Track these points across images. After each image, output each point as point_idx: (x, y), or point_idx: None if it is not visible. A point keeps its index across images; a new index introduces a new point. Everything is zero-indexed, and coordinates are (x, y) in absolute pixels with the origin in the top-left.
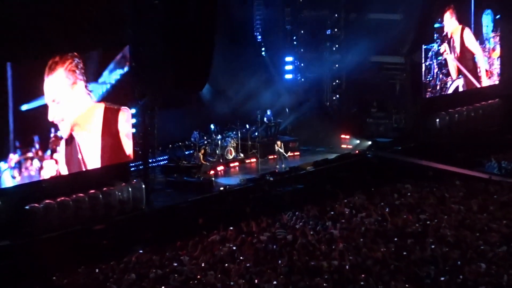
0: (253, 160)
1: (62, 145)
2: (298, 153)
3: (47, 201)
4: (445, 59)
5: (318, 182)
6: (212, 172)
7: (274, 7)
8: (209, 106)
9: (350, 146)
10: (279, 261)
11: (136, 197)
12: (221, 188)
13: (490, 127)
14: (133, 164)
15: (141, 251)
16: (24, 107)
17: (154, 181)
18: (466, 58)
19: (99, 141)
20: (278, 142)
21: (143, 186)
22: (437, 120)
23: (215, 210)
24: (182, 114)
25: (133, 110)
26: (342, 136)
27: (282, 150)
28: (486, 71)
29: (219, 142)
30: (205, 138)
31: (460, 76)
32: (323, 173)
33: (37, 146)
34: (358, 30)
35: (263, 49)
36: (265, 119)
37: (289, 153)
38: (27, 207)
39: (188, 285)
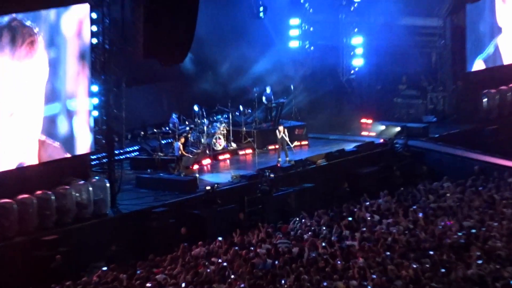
0: (249, 151)
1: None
2: (306, 143)
3: None
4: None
5: (332, 180)
6: (196, 167)
7: None
8: (193, 82)
9: (373, 134)
10: (282, 281)
11: (98, 199)
12: (208, 188)
13: None
14: (95, 157)
15: (104, 268)
16: None
17: (121, 178)
18: None
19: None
20: (281, 128)
21: (107, 185)
22: (485, 100)
23: (200, 216)
24: (158, 92)
25: (95, 87)
26: (363, 120)
27: (286, 138)
28: None
29: (205, 128)
30: (187, 123)
31: None
32: (338, 169)
33: None
34: None
35: (261, 9)
36: (263, 99)
37: (295, 143)
38: None
39: None
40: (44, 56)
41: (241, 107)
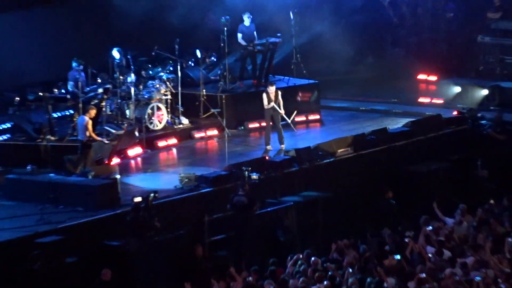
0: (212, 132)
1: None
2: (317, 117)
3: None
4: None
5: (364, 184)
6: (115, 161)
7: None
8: (107, 5)
9: (440, 101)
10: None
11: None
12: (137, 200)
13: None
14: None
15: None
16: None
17: None
18: None
19: None
20: (271, 90)
21: None
22: None
23: (123, 252)
24: (42, 25)
25: None
26: (421, 77)
27: (280, 110)
28: None
29: (133, 90)
30: (99, 81)
31: None
32: (375, 164)
33: None
34: None
35: None
36: (239, 37)
37: (297, 117)
38: None
39: None
40: None
41: (198, 52)
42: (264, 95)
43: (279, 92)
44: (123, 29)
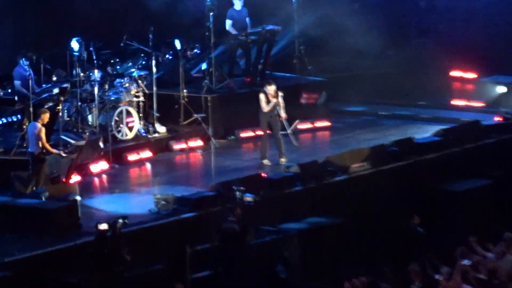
0: (195, 143)
1: None
2: (327, 123)
3: None
4: None
5: (384, 207)
6: (75, 178)
7: None
8: None
9: (479, 103)
10: None
11: None
12: (103, 227)
13: None
14: None
15: None
16: None
17: None
18: None
19: None
20: (270, 90)
21: None
22: None
23: None
24: None
25: None
26: (455, 73)
27: (281, 113)
28: None
29: (97, 90)
30: (55, 78)
31: None
32: (399, 182)
33: None
34: None
35: None
36: (228, 24)
37: (303, 123)
38: None
39: None
40: None
41: (177, 43)
42: (262, 96)
43: (280, 93)
44: (85, 15)
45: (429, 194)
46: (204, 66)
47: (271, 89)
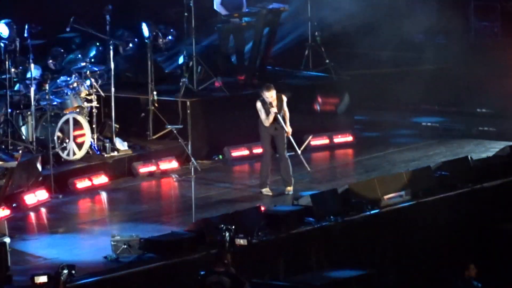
0: (170, 164)
1: None
2: (349, 138)
3: None
4: None
5: (427, 254)
6: (3, 213)
7: None
8: None
9: None
10: None
11: None
12: (41, 280)
13: None
14: None
15: None
16: None
17: None
18: None
19: None
20: (267, 94)
21: None
22: None
23: None
24: None
25: None
26: None
27: (286, 127)
28: None
29: (33, 91)
30: None
31: None
32: (447, 220)
33: None
34: None
35: None
36: (216, 1)
37: (318, 139)
38: None
39: None
40: None
41: (145, 28)
42: (259, 105)
43: (284, 98)
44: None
45: (491, 235)
46: (181, 59)
47: (269, 95)
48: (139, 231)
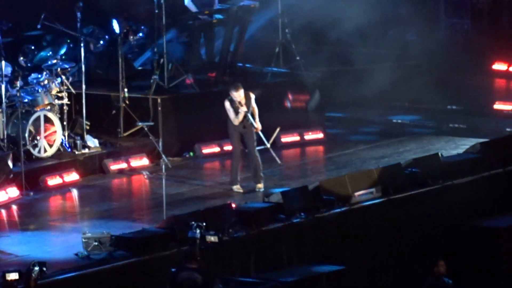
0: (141, 161)
1: None
2: (320, 135)
3: None
4: None
5: (396, 251)
6: None
7: None
8: None
9: None
10: None
11: None
12: (12, 277)
13: None
14: None
15: None
16: None
17: None
18: None
19: None
20: (235, 94)
21: None
22: None
23: None
24: None
25: None
26: (498, 66)
27: (256, 124)
28: None
29: (3, 88)
30: None
31: None
32: (416, 217)
33: None
34: None
35: None
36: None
37: (288, 135)
38: None
39: None
40: None
41: (115, 24)
42: (228, 105)
43: (252, 96)
44: None
45: (461, 233)
46: (151, 56)
47: (237, 95)
48: (110, 228)
